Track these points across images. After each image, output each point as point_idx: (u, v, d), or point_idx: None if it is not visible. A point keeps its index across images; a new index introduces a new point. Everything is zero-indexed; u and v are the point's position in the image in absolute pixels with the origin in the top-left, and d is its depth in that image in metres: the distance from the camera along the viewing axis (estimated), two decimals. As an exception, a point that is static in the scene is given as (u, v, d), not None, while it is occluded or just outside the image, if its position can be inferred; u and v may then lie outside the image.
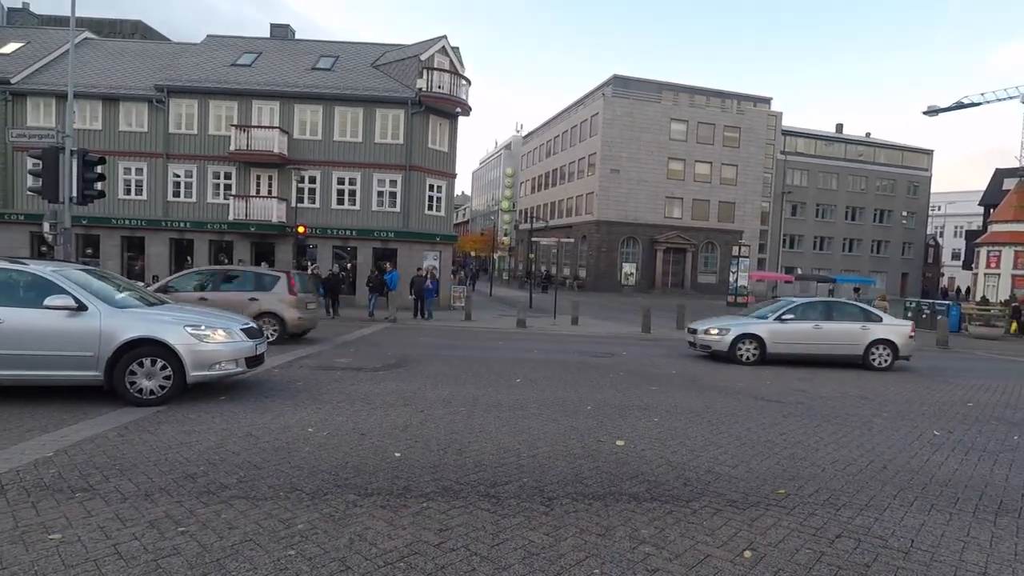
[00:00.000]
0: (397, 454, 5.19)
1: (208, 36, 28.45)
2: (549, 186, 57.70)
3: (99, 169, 13.19)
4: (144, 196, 24.53)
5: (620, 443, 5.84)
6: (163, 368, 6.66)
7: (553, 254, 53.76)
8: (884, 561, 3.53)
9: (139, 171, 24.49)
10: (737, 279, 39.05)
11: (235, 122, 24.19)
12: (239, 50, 27.12)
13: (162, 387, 6.67)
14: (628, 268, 47.46)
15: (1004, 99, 57.16)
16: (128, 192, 24.57)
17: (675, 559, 3.45)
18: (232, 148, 23.68)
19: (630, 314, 25.55)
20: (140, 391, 6.59)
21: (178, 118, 24.46)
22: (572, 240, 43.27)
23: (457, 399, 7.61)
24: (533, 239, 33.03)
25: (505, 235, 71.44)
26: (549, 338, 16.27)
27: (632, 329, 19.43)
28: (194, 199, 24.63)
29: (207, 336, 6.95)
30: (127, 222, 24.38)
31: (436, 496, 4.26)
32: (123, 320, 6.64)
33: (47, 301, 6.30)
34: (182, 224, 24.51)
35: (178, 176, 24.65)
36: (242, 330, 7.45)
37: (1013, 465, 5.70)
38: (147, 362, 6.61)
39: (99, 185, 13.39)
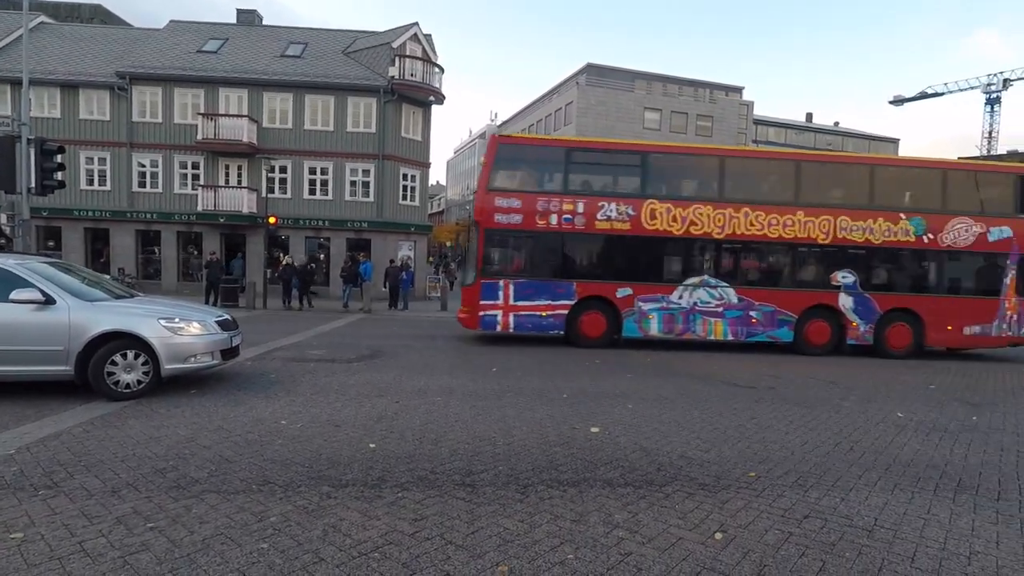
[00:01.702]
0: (372, 445, 5.16)
1: (171, 21, 27.68)
2: (524, 175, 57.56)
3: (58, 158, 12.77)
4: (108, 186, 23.86)
5: (595, 430, 5.89)
6: (143, 362, 6.60)
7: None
8: (849, 540, 3.64)
9: (102, 161, 23.80)
10: (710, 267, 39.56)
11: (202, 110, 23.63)
12: (204, 36, 26.43)
13: (139, 381, 6.61)
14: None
15: (966, 89, 58.87)
16: (91, 182, 23.86)
17: (648, 543, 3.50)
18: (199, 137, 23.14)
19: (605, 303, 25.69)
20: (118, 384, 6.50)
21: (142, 106, 23.78)
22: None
23: (432, 389, 7.59)
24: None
25: (481, 225, 71.13)
26: (525, 327, 16.28)
27: (607, 317, 19.54)
28: (160, 189, 24.03)
29: (181, 329, 6.84)
30: (91, 213, 23.70)
31: (411, 486, 4.25)
32: (93, 313, 6.51)
33: (13, 295, 6.14)
34: (148, 215, 23.92)
35: (143, 166, 24.00)
36: (216, 322, 7.33)
37: (972, 445, 5.90)
38: (130, 355, 6.54)
39: (59, 175, 12.98)
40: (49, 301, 6.30)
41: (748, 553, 3.42)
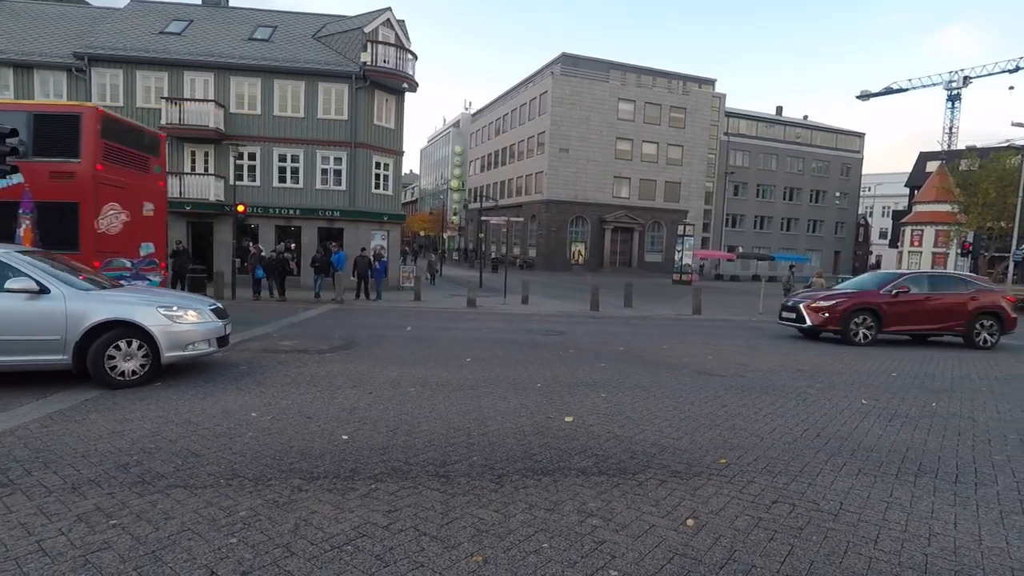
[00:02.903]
0: (345, 437, 5.10)
1: (132, 1, 26.68)
2: (499, 165, 57.42)
3: (12, 141, 12.23)
4: (67, 172, 22.98)
5: (569, 419, 5.92)
6: (143, 351, 6.70)
7: (503, 233, 53.78)
8: (816, 524, 3.72)
9: (60, 145, 22.89)
10: (682, 258, 40.14)
11: (165, 94, 22.89)
12: (167, 17, 25.59)
13: (139, 369, 6.70)
14: (577, 247, 48.02)
15: (929, 85, 60.54)
16: (49, 168, 22.94)
17: (622, 530, 3.53)
18: (163, 122, 22.43)
19: (579, 293, 25.88)
20: (119, 373, 6.57)
21: (102, 89, 22.94)
22: (522, 219, 43.36)
23: (406, 380, 7.53)
24: (483, 218, 32.89)
25: (455, 214, 70.90)
26: (499, 317, 16.30)
27: (581, 307, 19.70)
28: (123, 176, 23.24)
29: (180, 316, 6.94)
30: (48, 200, 22.82)
31: (385, 477, 4.21)
32: (89, 303, 6.51)
33: (8, 284, 6.13)
34: (110, 202, 23.13)
35: (104, 151, 23.17)
36: (211, 310, 7.43)
37: (931, 430, 6.09)
38: (133, 343, 6.64)
39: (11, 160, 12.41)
40: (44, 290, 6.27)
41: (719, 538, 3.47)
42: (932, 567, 3.24)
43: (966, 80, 58.47)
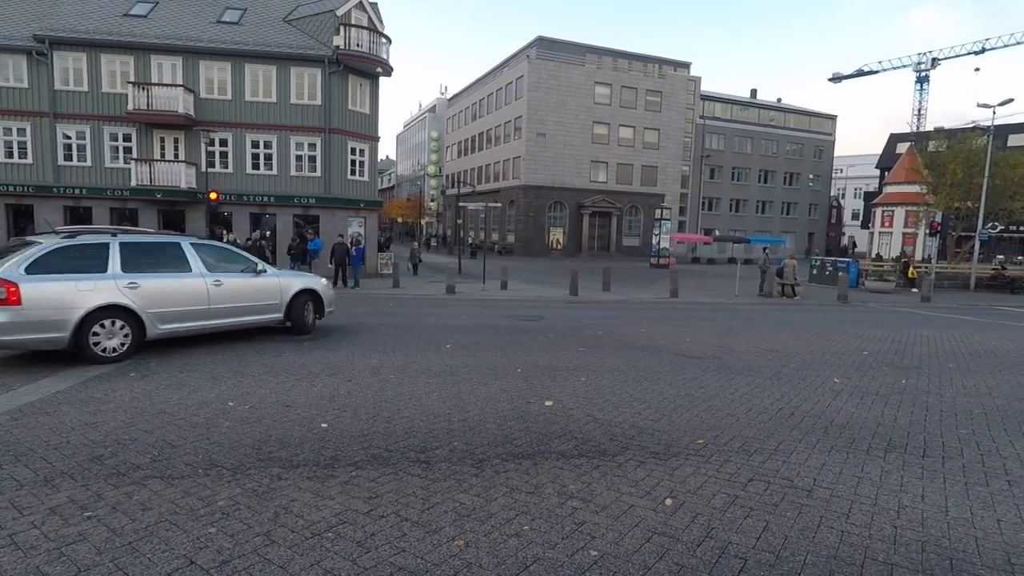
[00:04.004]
0: (324, 424, 5.07)
1: (95, -19, 25.68)
2: (476, 150, 57.02)
3: None
4: (29, 159, 22.27)
5: (549, 403, 5.96)
6: (315, 309, 10.08)
7: (482, 219, 53.55)
8: (790, 500, 3.82)
9: (21, 131, 22.16)
10: (659, 242, 40.44)
11: (132, 79, 22.22)
12: (132, -2, 24.72)
13: (315, 319, 10.13)
14: (556, 232, 48.07)
15: (899, 67, 61.41)
16: (10, 155, 22.22)
17: (601, 511, 3.58)
18: (131, 107, 21.82)
19: (558, 277, 25.96)
20: (309, 321, 9.87)
21: (64, 73, 22.17)
22: (500, 205, 43.20)
23: (386, 367, 7.50)
24: (461, 204, 32.70)
25: (432, 200, 70.37)
26: (479, 303, 16.29)
27: (561, 292, 19.77)
28: (89, 163, 22.61)
29: (327, 286, 10.44)
30: (11, 188, 22.12)
31: (365, 465, 4.20)
32: (286, 279, 9.70)
33: (258, 268, 9.29)
34: (78, 191, 22.51)
35: (69, 138, 22.49)
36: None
37: (901, 406, 6.27)
38: (310, 304, 9.90)
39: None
40: (263, 271, 9.31)
41: (697, 517, 3.54)
42: (901, 538, 3.34)
43: (934, 62, 59.40)
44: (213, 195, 20.31)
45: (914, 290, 25.09)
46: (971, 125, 33.38)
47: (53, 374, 6.64)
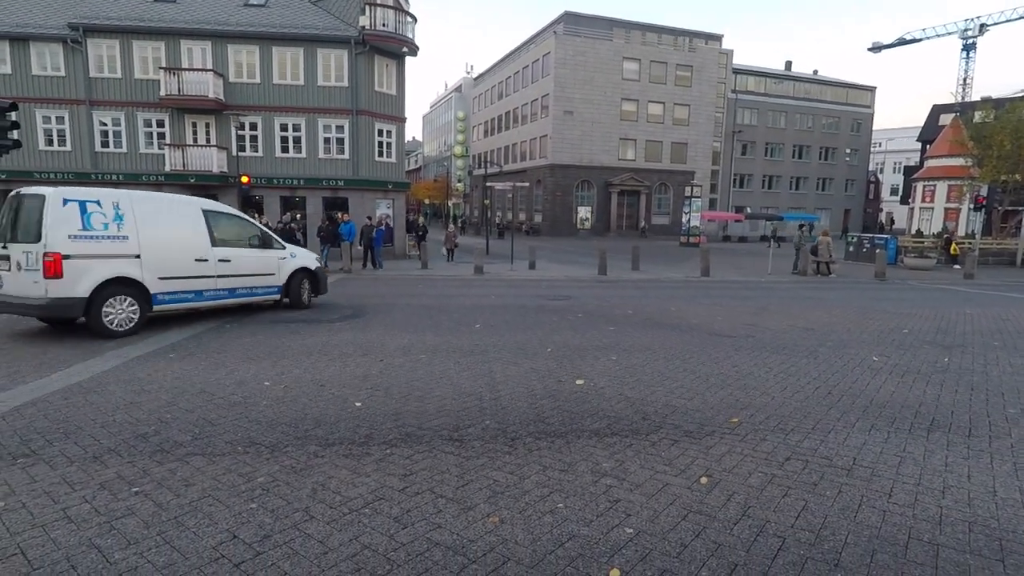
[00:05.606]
0: (358, 403, 5.14)
1: (125, -32, 26.01)
2: (502, 129, 56.59)
3: (13, 116, 12.13)
4: (68, 147, 22.86)
5: (580, 382, 5.94)
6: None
7: (509, 199, 53.31)
8: (830, 479, 3.74)
9: (60, 119, 22.72)
10: (690, 220, 39.78)
11: (163, 64, 22.54)
12: (162, -16, 24.95)
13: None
14: (583, 212, 47.61)
15: (943, 35, 58.67)
16: (50, 143, 22.83)
17: (636, 489, 3.56)
18: (163, 93, 22.17)
19: (586, 257, 25.78)
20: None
21: (99, 60, 22.58)
22: (527, 185, 42.92)
23: (416, 347, 7.57)
24: (488, 185, 32.60)
25: (459, 181, 70.27)
26: (507, 284, 16.29)
27: (589, 272, 19.64)
28: (125, 149, 23.11)
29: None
30: (52, 175, 22.76)
31: (399, 443, 4.25)
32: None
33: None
34: (115, 177, 23.04)
35: (105, 124, 22.98)
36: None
37: (944, 385, 6.08)
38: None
39: (14, 134, 12.36)
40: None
41: (733, 495, 3.50)
42: (947, 519, 3.25)
43: (982, 28, 56.48)
44: (245, 179, 20.60)
45: (956, 267, 24.22)
46: (1021, 93, 31.76)
47: (100, 354, 6.87)
